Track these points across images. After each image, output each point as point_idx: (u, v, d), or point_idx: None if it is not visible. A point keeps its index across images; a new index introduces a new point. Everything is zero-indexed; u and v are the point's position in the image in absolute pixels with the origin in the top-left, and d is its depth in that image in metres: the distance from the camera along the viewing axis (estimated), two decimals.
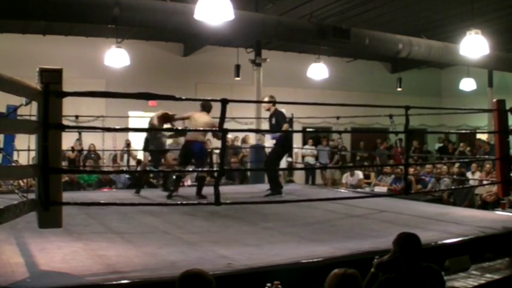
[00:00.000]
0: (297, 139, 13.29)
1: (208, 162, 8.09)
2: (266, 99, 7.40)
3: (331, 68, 12.43)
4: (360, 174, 10.61)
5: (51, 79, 3.09)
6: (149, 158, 7.89)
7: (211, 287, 2.31)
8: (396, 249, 2.97)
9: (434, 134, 17.30)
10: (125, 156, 11.92)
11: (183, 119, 7.23)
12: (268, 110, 7.35)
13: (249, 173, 10.32)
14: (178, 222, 5.12)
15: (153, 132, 7.39)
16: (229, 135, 12.22)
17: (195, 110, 7.03)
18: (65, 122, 3.30)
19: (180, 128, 7.58)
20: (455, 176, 9.20)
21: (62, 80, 3.15)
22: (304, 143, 14.55)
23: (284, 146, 7.43)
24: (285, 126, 7.24)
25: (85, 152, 11.27)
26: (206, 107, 6.93)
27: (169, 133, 7.88)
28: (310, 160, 13.78)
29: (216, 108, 3.90)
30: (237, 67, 13.02)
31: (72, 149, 11.21)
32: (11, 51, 11.49)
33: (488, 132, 13.16)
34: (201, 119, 6.80)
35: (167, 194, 6.84)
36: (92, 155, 11.64)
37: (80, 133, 9.18)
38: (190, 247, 3.86)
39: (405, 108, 4.83)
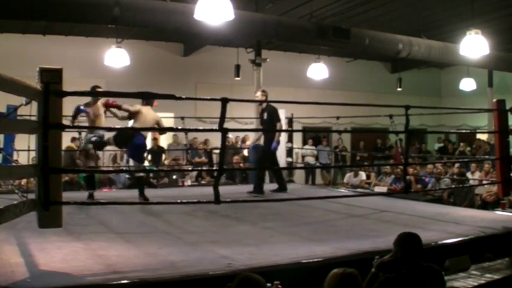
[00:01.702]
0: (297, 139, 13.29)
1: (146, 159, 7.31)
2: (259, 93, 7.40)
3: (331, 68, 12.42)
4: (363, 175, 10.62)
5: (51, 79, 3.09)
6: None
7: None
8: (397, 249, 2.97)
9: (434, 134, 17.29)
10: (125, 156, 11.90)
11: (128, 111, 6.45)
12: (261, 104, 7.28)
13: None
14: (178, 222, 5.11)
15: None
16: (231, 135, 12.23)
17: (140, 103, 6.44)
18: (65, 122, 3.30)
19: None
20: (455, 176, 9.20)
21: (62, 80, 3.15)
22: (304, 143, 14.55)
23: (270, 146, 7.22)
24: (279, 125, 7.17)
25: None
26: (150, 100, 6.43)
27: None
28: (310, 160, 13.80)
29: (216, 107, 3.88)
30: (237, 67, 13.01)
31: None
32: (11, 51, 11.47)
33: (488, 132, 13.15)
34: (150, 115, 6.36)
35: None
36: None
37: (79, 133, 9.17)
38: (190, 247, 3.86)
39: (405, 108, 4.84)
